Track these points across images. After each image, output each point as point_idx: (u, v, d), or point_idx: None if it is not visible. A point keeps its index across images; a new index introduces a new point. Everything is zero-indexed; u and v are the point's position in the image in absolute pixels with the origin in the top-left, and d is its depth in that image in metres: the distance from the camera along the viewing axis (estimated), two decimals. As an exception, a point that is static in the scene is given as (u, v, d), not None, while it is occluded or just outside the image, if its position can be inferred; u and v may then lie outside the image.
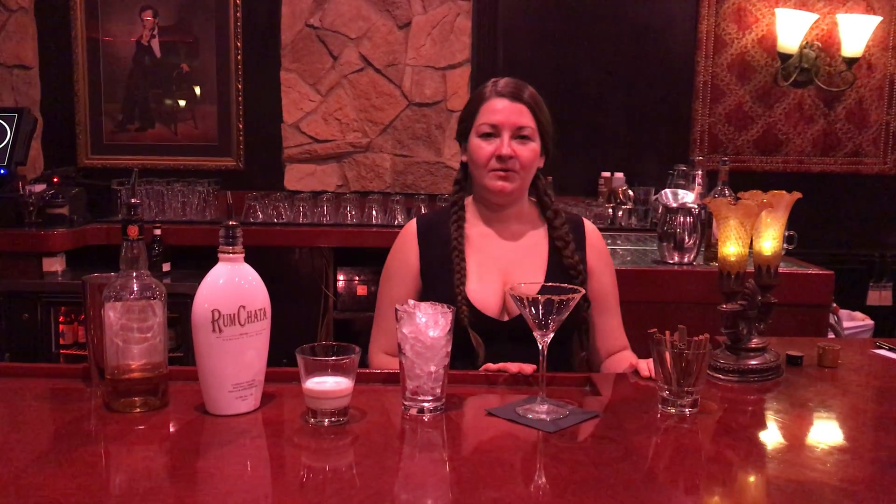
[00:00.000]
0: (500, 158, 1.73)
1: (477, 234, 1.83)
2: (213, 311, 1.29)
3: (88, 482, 1.07)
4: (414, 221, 1.87)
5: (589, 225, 1.90)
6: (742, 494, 1.13)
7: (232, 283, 1.32)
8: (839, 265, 2.96)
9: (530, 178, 1.81)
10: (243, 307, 1.31)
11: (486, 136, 1.75)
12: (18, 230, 3.39)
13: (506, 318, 1.73)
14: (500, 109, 1.74)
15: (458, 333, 1.65)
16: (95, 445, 1.23)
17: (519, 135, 1.74)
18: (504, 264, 1.79)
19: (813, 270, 2.71)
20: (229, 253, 1.33)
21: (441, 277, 1.76)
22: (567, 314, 1.33)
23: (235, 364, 1.31)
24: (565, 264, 1.78)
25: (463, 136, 1.83)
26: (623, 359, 1.78)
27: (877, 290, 4.07)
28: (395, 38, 3.94)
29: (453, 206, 1.84)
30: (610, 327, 1.86)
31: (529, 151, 1.75)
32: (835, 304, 3.14)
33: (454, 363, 1.60)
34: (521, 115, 1.74)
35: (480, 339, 1.69)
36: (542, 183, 1.87)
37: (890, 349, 1.80)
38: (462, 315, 1.69)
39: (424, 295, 1.77)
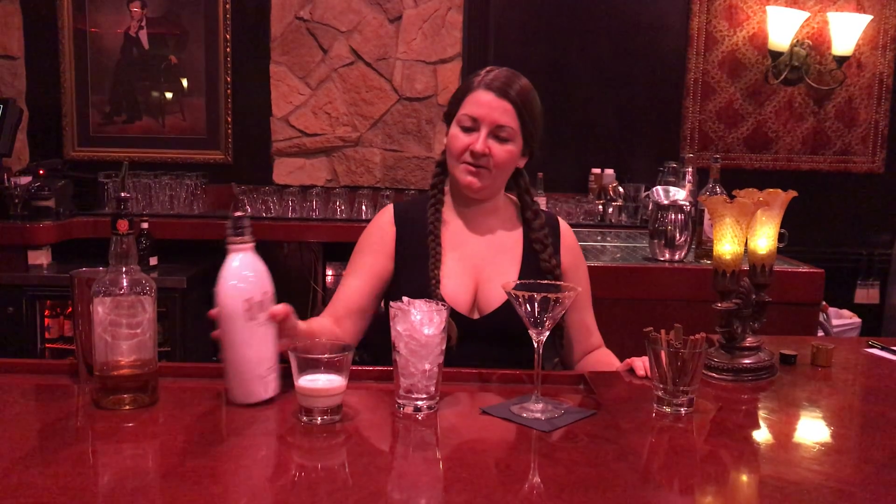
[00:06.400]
0: (472, 154, 1.68)
1: (451, 225, 1.79)
2: (246, 300, 1.31)
3: (76, 482, 1.05)
4: (391, 206, 1.82)
5: (564, 224, 1.86)
6: (737, 494, 1.13)
7: (255, 271, 1.34)
8: (827, 263, 2.97)
9: (504, 178, 1.76)
10: (266, 293, 1.34)
11: (465, 128, 1.70)
12: (3, 223, 3.36)
13: (476, 316, 1.71)
14: (483, 103, 1.68)
15: None
16: (83, 444, 1.21)
17: (497, 133, 1.68)
18: (477, 261, 1.75)
19: (803, 269, 2.72)
20: (244, 243, 1.34)
21: (416, 262, 1.72)
22: (562, 311, 1.32)
23: (267, 349, 1.34)
24: (542, 268, 1.74)
25: (448, 120, 1.78)
26: (602, 357, 1.77)
27: (864, 288, 4.09)
28: (386, 32, 3.92)
29: (433, 189, 1.80)
30: (584, 325, 1.83)
31: (505, 152, 1.69)
32: (824, 303, 3.15)
33: None
34: (503, 114, 1.67)
35: (454, 324, 1.64)
36: (523, 181, 1.82)
37: (882, 348, 1.80)
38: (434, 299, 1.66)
39: (396, 278, 1.74)
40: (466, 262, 1.75)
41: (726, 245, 1.56)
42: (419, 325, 1.31)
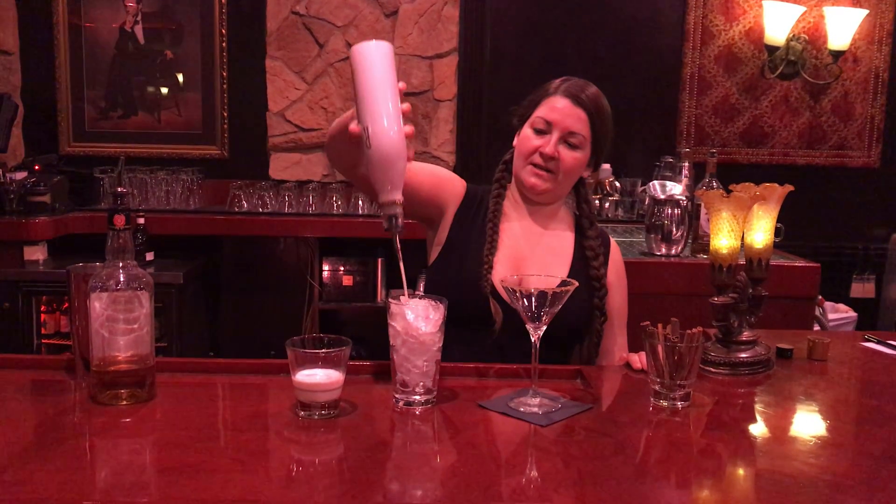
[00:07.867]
0: (542, 156, 1.71)
1: (509, 219, 1.80)
2: None
3: (73, 477, 1.05)
4: (465, 184, 1.83)
5: (614, 242, 1.90)
6: (733, 488, 1.13)
7: None
8: (823, 257, 2.97)
9: (568, 185, 1.79)
10: None
11: (538, 130, 1.73)
12: (-1, 218, 3.35)
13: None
14: (558, 108, 1.71)
15: (481, 300, 1.66)
16: (80, 439, 1.21)
17: (567, 139, 1.71)
18: (527, 257, 1.76)
19: (800, 263, 2.72)
20: None
21: (469, 245, 1.74)
22: (559, 307, 1.32)
23: None
24: (591, 275, 1.76)
25: (520, 122, 1.80)
26: None
27: (860, 282, 4.10)
28: (382, 27, 3.91)
29: (495, 183, 1.81)
30: (615, 343, 1.84)
31: (572, 159, 1.72)
32: (820, 297, 3.15)
33: (470, 328, 1.60)
34: (576, 121, 1.71)
35: (499, 308, 1.66)
36: (583, 190, 1.85)
37: (879, 342, 1.81)
38: (485, 283, 1.66)
39: (446, 257, 1.75)
40: (517, 255, 1.76)
41: (723, 239, 1.56)
42: (416, 322, 1.31)
